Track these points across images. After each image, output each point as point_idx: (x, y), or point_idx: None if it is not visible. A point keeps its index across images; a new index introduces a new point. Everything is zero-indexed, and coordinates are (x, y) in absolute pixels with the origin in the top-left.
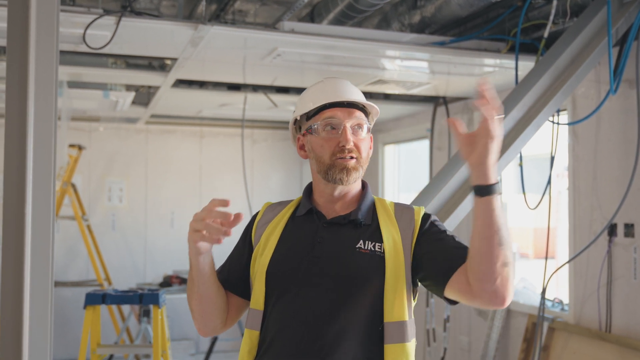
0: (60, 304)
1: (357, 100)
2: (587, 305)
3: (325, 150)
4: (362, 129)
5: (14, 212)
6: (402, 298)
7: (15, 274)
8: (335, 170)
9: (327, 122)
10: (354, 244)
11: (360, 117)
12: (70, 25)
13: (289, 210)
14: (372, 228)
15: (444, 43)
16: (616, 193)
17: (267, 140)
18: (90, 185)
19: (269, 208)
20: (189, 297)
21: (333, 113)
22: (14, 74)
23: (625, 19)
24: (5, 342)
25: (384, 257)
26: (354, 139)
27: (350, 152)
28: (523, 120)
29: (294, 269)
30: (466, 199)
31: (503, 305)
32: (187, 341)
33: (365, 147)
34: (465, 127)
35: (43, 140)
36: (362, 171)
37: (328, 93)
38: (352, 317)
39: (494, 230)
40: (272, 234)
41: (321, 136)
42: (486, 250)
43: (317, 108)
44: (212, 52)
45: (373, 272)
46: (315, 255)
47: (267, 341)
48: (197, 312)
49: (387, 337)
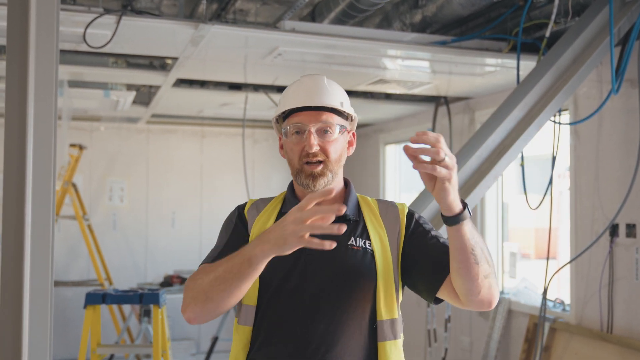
0: (61, 303)
1: (322, 104)
2: (588, 306)
3: (294, 154)
4: (331, 130)
5: (13, 212)
6: (392, 296)
7: (15, 273)
8: (302, 176)
9: (294, 127)
10: (345, 241)
11: (328, 119)
12: (70, 24)
13: (275, 206)
14: (360, 225)
15: (445, 42)
16: (618, 193)
17: (268, 140)
18: (91, 185)
19: (253, 205)
20: (213, 286)
21: (299, 118)
22: (13, 73)
23: (627, 18)
24: (5, 342)
25: (374, 255)
26: (321, 142)
27: (316, 157)
28: (524, 120)
29: (287, 268)
30: (467, 198)
31: (491, 307)
32: (187, 341)
33: (335, 149)
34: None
35: (43, 140)
36: (331, 175)
37: (298, 96)
38: (347, 314)
39: (469, 253)
40: (262, 230)
41: (290, 140)
42: (465, 271)
43: (287, 112)
44: (213, 52)
45: (366, 269)
46: (309, 253)
47: (261, 338)
48: (214, 301)
49: (381, 334)
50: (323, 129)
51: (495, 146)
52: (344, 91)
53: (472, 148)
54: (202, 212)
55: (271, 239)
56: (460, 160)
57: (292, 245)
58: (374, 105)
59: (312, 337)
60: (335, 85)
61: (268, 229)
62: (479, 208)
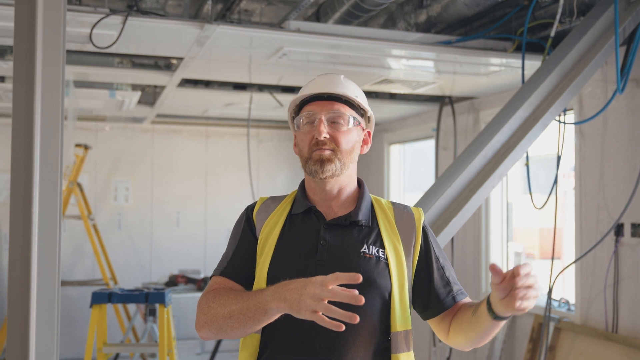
0: (67, 303)
1: (335, 92)
2: (593, 306)
3: (305, 144)
4: (343, 120)
5: (21, 212)
6: (406, 306)
7: (23, 273)
8: (311, 162)
9: (306, 116)
10: (358, 248)
11: (340, 109)
12: (76, 25)
13: (285, 207)
14: (373, 232)
15: (450, 42)
16: (623, 193)
17: (272, 140)
18: (97, 185)
19: (262, 205)
20: (227, 322)
21: (311, 107)
22: (21, 74)
23: (633, 17)
24: (13, 341)
25: (388, 264)
26: (331, 131)
27: (324, 144)
28: (529, 120)
29: (298, 273)
30: (472, 199)
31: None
32: (192, 340)
33: (346, 139)
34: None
35: (50, 140)
36: (339, 164)
37: (312, 88)
38: (360, 325)
39: (492, 335)
40: (271, 234)
41: (302, 131)
42: (479, 342)
43: (300, 104)
44: (218, 52)
45: (379, 278)
46: (320, 259)
47: (270, 347)
48: (227, 333)
49: (394, 346)
50: (334, 119)
51: (500, 146)
52: (362, 91)
53: (477, 148)
54: (206, 211)
55: (287, 299)
56: (465, 160)
57: (304, 316)
58: (379, 105)
59: (321, 347)
60: (352, 82)
61: (289, 283)
62: (484, 208)
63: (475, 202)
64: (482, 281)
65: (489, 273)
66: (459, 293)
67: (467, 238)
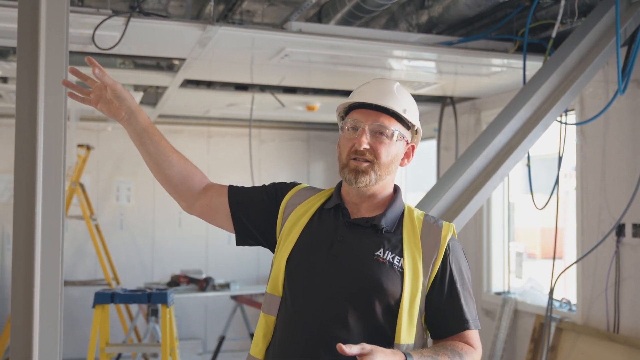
0: (69, 303)
1: (383, 105)
2: (595, 306)
3: (344, 149)
4: (386, 134)
5: (24, 212)
6: (414, 320)
7: (26, 273)
8: (346, 170)
9: (351, 122)
10: (373, 251)
11: (385, 122)
12: (79, 26)
13: (319, 199)
14: (394, 239)
15: (451, 43)
16: (624, 193)
17: (274, 140)
18: (99, 185)
19: (300, 191)
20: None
21: (357, 115)
22: (24, 74)
23: (634, 18)
24: (16, 340)
25: (402, 274)
26: (373, 142)
27: (363, 155)
28: (531, 120)
29: (312, 264)
30: (473, 199)
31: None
32: (194, 340)
33: (386, 152)
34: None
35: (53, 140)
36: (374, 177)
37: (364, 94)
38: (362, 325)
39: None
40: (299, 221)
41: (344, 135)
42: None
43: (348, 108)
44: (220, 53)
45: (389, 284)
46: (333, 254)
47: (280, 331)
48: (151, 166)
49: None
50: (378, 131)
51: (502, 146)
52: (414, 101)
53: (479, 148)
54: None
55: None
56: (467, 161)
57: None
58: None
59: (324, 340)
60: (405, 92)
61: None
62: (485, 208)
63: (477, 202)
64: (482, 281)
65: (490, 273)
66: (461, 325)
67: (468, 238)
